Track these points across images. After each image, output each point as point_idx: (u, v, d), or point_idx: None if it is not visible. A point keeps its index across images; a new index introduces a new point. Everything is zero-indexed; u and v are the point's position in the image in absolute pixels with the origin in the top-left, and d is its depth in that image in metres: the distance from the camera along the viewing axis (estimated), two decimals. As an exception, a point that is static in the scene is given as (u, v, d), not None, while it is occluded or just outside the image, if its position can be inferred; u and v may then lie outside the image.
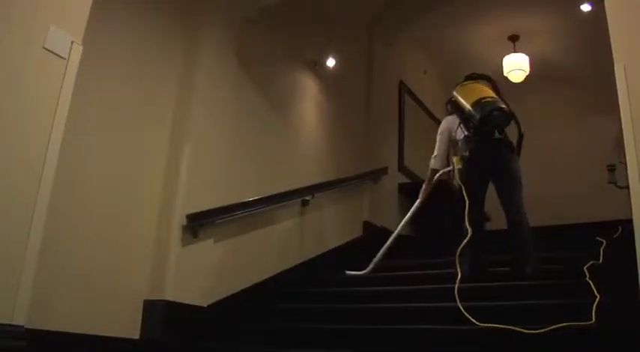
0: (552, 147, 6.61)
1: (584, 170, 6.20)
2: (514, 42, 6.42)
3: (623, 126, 2.11)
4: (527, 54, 6.32)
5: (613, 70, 2.19)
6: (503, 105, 3.12)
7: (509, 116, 3.13)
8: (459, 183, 3.30)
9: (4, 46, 1.88)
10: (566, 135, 6.85)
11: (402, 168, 6.00)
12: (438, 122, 7.06)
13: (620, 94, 2.15)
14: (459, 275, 2.91)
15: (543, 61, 6.52)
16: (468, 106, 3.17)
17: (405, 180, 6.00)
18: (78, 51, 2.10)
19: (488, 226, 3.56)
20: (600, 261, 3.06)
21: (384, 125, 5.76)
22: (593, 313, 2.33)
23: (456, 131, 3.43)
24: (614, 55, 2.22)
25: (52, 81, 2.01)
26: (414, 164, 6.18)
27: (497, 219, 3.47)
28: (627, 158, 2.08)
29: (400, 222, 4.30)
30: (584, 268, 2.85)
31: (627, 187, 2.13)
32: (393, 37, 6.01)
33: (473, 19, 6.23)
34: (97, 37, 2.72)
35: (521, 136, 3.28)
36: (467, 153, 3.31)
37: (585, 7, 5.54)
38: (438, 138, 3.72)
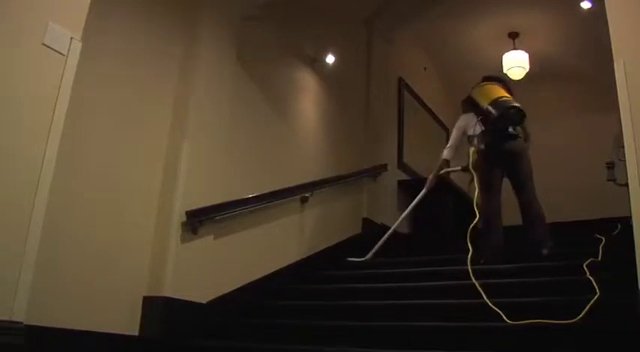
0: (552, 144, 6.61)
1: (583, 167, 6.20)
2: (514, 39, 6.42)
3: (622, 123, 2.11)
4: (527, 51, 6.32)
5: (613, 67, 2.19)
6: (518, 104, 3.48)
7: (523, 114, 3.50)
8: (473, 172, 3.67)
9: (2, 43, 1.88)
10: (566, 132, 6.85)
11: (401, 165, 6.00)
12: (438, 119, 7.16)
13: (620, 91, 2.14)
14: (470, 252, 3.13)
15: (543, 58, 6.52)
16: (486, 105, 3.53)
17: (404, 177, 6.00)
18: (77, 47, 2.09)
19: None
20: (599, 258, 3.06)
21: (384, 122, 5.75)
22: (590, 310, 2.35)
23: (472, 127, 3.74)
24: (614, 52, 2.21)
25: (51, 77, 2.01)
26: (413, 161, 6.18)
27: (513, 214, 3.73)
28: (626, 155, 2.08)
29: (400, 216, 4.40)
30: (584, 265, 2.86)
31: (626, 185, 2.13)
32: (393, 33, 6.00)
33: (473, 16, 6.22)
34: (95, 33, 2.72)
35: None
36: (483, 146, 3.66)
37: (585, 5, 5.54)
38: (454, 131, 4.08)
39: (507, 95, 3.55)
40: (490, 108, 3.50)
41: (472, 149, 3.79)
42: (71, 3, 2.14)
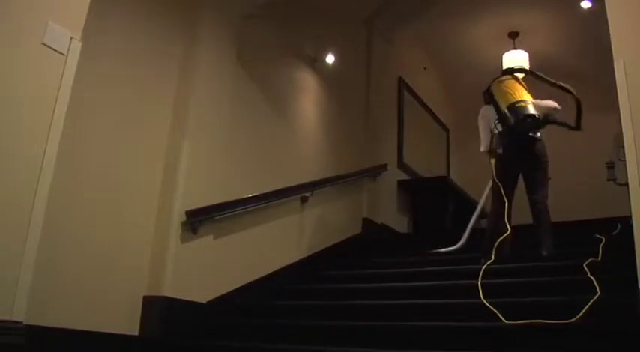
0: (551, 144, 6.59)
1: (583, 167, 6.20)
2: (514, 39, 6.41)
3: (622, 123, 2.11)
4: (526, 51, 6.31)
5: (613, 67, 2.19)
6: (535, 112, 3.43)
7: (539, 122, 3.48)
8: (497, 181, 3.60)
9: (2, 43, 1.88)
10: (566, 132, 6.82)
11: (401, 164, 6.01)
12: (438, 119, 7.16)
13: (620, 91, 2.15)
14: (490, 260, 3.22)
15: (543, 58, 6.50)
16: (504, 108, 3.49)
17: (404, 176, 6.00)
18: (77, 47, 2.09)
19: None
20: (599, 258, 3.06)
21: (384, 121, 5.75)
22: (590, 310, 2.35)
23: (493, 123, 3.68)
24: (614, 52, 2.22)
25: (51, 77, 2.00)
26: (413, 161, 6.18)
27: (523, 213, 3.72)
28: (626, 155, 2.08)
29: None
30: (584, 265, 2.86)
31: (626, 185, 2.13)
32: (393, 33, 6.00)
33: (473, 16, 6.22)
34: (95, 33, 2.72)
35: (579, 104, 3.64)
36: (500, 150, 3.63)
37: (585, 4, 5.54)
38: (479, 123, 3.95)
39: (525, 98, 3.50)
40: (507, 113, 3.47)
41: (493, 159, 3.74)
42: (71, 3, 2.14)
